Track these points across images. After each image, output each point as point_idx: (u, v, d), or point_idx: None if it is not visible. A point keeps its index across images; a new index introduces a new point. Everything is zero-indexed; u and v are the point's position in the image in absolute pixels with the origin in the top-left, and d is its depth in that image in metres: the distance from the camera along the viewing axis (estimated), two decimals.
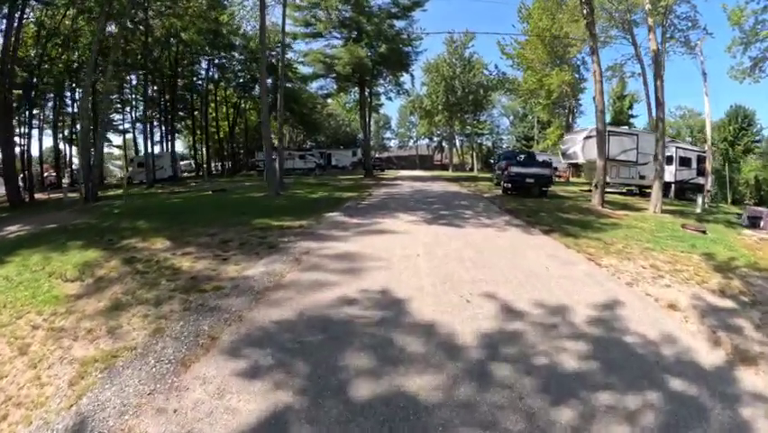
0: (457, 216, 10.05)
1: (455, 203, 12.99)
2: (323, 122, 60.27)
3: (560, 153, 23.78)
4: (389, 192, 16.83)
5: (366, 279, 4.93)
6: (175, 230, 8.36)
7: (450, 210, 11.19)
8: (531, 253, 6.59)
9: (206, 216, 10.18)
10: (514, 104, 64.93)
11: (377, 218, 9.55)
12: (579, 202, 14.80)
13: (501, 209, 11.66)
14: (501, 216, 10.28)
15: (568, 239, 7.78)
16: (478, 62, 42.89)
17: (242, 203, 13.29)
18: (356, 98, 32.74)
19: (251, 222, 9.28)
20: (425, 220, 9.37)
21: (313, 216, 10.05)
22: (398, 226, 8.50)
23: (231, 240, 7.49)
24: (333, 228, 8.40)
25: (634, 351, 3.49)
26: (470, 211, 11.02)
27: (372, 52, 26.37)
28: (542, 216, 10.44)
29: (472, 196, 15.71)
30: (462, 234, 7.92)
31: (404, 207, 11.79)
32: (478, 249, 6.62)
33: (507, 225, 8.98)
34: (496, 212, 11.13)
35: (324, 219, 9.59)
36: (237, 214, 10.59)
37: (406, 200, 13.66)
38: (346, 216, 9.96)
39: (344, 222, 9.22)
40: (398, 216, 9.95)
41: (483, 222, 9.36)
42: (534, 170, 15.36)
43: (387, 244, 6.86)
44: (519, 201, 13.68)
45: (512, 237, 7.82)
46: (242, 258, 6.20)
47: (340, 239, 7.30)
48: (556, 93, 31.32)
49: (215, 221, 9.39)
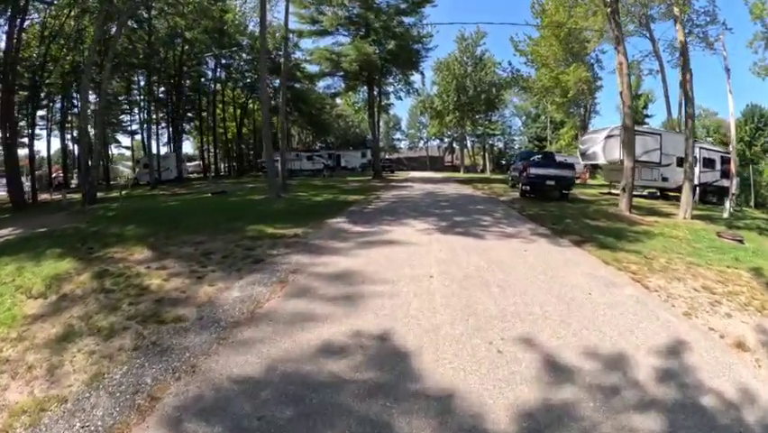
0: (475, 224, 8.97)
1: (470, 207, 11.91)
2: (332, 123, 59.61)
3: (578, 154, 22.47)
4: (399, 195, 15.82)
5: (364, 312, 3.92)
6: (160, 237, 7.76)
7: (466, 216, 10.11)
8: (567, 272, 5.51)
9: (197, 222, 9.45)
10: (526, 104, 63.43)
11: (383, 226, 8.56)
12: (603, 206, 13.63)
13: (522, 215, 10.56)
14: (524, 224, 9.18)
15: (604, 252, 6.70)
16: (489, 60, 41.71)
17: (238, 206, 12.45)
18: (365, 98, 31.82)
19: (244, 229, 8.44)
20: (439, 228, 8.32)
21: (312, 222, 9.11)
22: (408, 236, 7.48)
23: (214, 251, 6.64)
24: (332, 238, 7.42)
25: (714, 420, 2.56)
26: (489, 217, 9.92)
27: (381, 49, 25.39)
28: (568, 224, 9.36)
29: (488, 199, 14.59)
30: (483, 247, 6.84)
31: (414, 212, 10.78)
32: (504, 267, 5.57)
33: (532, 235, 7.89)
34: (517, 218, 10.03)
35: (325, 226, 8.64)
36: (231, 219, 9.83)
37: (416, 204, 12.60)
38: (349, 223, 8.99)
39: (346, 230, 8.24)
40: (408, 222, 8.95)
41: (505, 231, 8.27)
42: (555, 171, 14.21)
43: (394, 259, 5.85)
44: (540, 205, 12.55)
45: (541, 251, 6.73)
46: (219, 276, 5.28)
47: (339, 252, 6.32)
48: (573, 91, 29.97)
49: (205, 227, 8.65)
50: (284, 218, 9.69)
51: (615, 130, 19.91)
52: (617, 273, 5.66)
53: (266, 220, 9.40)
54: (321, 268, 5.41)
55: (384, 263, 5.57)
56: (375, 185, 22.03)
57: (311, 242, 7.11)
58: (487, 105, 41.90)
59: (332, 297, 4.32)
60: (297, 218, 9.56)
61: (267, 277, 5.11)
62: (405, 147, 77.19)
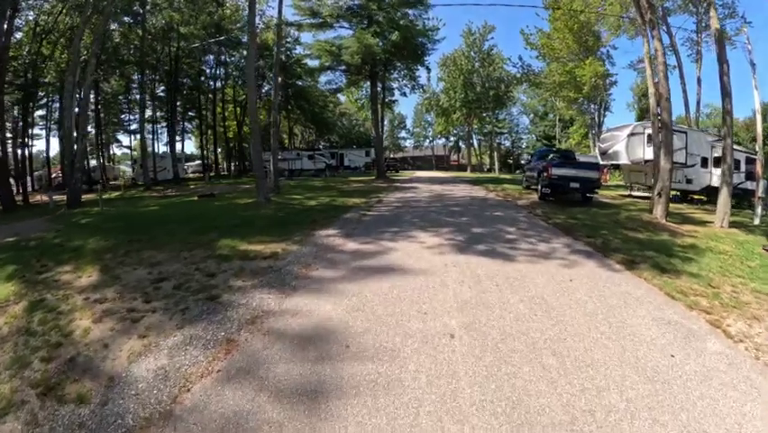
0: (498, 238, 7.40)
1: (487, 214, 10.32)
2: (335, 121, 58.21)
3: (597, 153, 20.81)
4: (404, 198, 14.25)
5: (340, 425, 2.42)
6: (119, 253, 6.83)
7: (484, 226, 8.52)
8: (632, 315, 3.99)
9: (168, 233, 8.32)
10: (533, 102, 61.99)
11: (384, 241, 7.03)
12: (632, 212, 12.07)
13: (549, 224, 8.99)
14: (556, 237, 7.61)
15: (663, 279, 5.20)
16: (497, 56, 40.08)
17: (220, 213, 11.01)
18: (368, 94, 30.26)
19: (215, 243, 7.09)
20: (455, 245, 6.76)
21: (298, 234, 7.65)
22: (416, 258, 5.92)
23: (169, 277, 5.42)
24: (316, 261, 5.89)
25: None
26: (512, 228, 8.32)
27: (384, 42, 23.83)
28: (604, 236, 7.83)
29: (505, 203, 12.99)
30: (516, 274, 5.25)
31: (422, 220, 9.25)
32: (551, 313, 4.02)
33: (571, 255, 6.33)
34: (544, 229, 8.45)
35: (311, 242, 7.12)
36: (206, 229, 8.49)
37: (424, 210, 11.04)
38: (342, 237, 7.45)
39: (337, 247, 6.71)
40: (415, 236, 7.42)
41: (537, 249, 6.68)
42: (580, 172, 12.62)
43: (395, 301, 4.29)
44: (565, 211, 11.00)
45: (590, 280, 5.16)
46: (157, 321, 3.94)
47: (320, 289, 4.76)
48: (588, 86, 28.28)
49: (173, 240, 7.49)
50: (266, 229, 8.26)
51: (638, 127, 18.31)
52: (690, 314, 4.20)
53: (244, 231, 8.05)
54: (289, 319, 3.87)
55: (381, 311, 4.01)
56: (378, 186, 20.51)
57: (288, 267, 5.60)
58: (495, 101, 40.21)
59: (292, 386, 2.77)
60: (281, 229, 8.12)
61: (213, 330, 3.66)
62: (410, 146, 75.81)
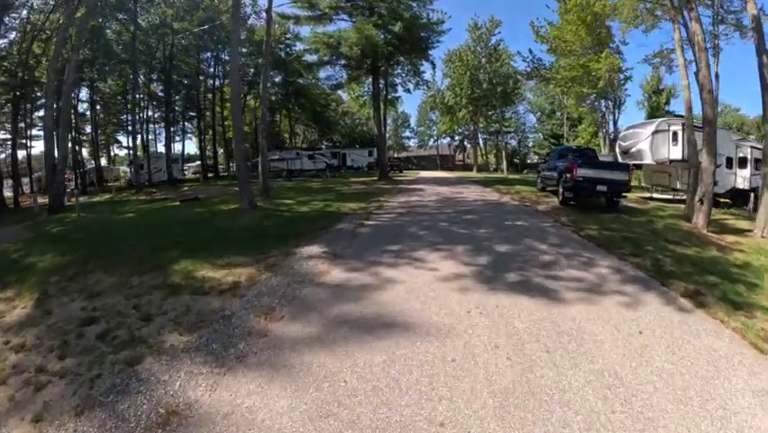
0: (530, 261, 5.83)
1: (509, 224, 8.76)
2: (337, 120, 56.85)
3: (617, 152, 19.21)
4: (408, 202, 12.68)
5: None
6: (66, 276, 5.92)
7: (510, 242, 6.93)
8: (729, 391, 2.69)
9: (130, 247, 7.27)
10: (540, 100, 60.36)
11: (381, 267, 5.51)
12: (665, 219, 10.55)
13: (582, 237, 7.49)
14: (599, 257, 6.10)
15: (740, 320, 4.03)
16: (504, 52, 38.45)
17: (196, 222, 9.64)
18: (370, 91, 28.77)
19: (172, 266, 5.83)
20: (477, 273, 5.19)
21: (275, 253, 6.27)
22: (424, 300, 4.36)
23: (99, 319, 4.37)
24: (283, 304, 4.41)
25: None
26: (544, 245, 6.77)
27: (386, 34, 22.29)
28: (651, 253, 6.42)
29: (524, 208, 11.40)
30: (570, 327, 3.70)
31: (431, 233, 7.75)
32: (636, 405, 2.57)
33: (625, 283, 4.87)
34: (580, 244, 6.91)
35: (287, 266, 5.68)
36: (172, 243, 7.23)
37: (432, 219, 9.49)
38: (328, 259, 5.96)
39: (317, 277, 5.22)
40: (422, 258, 5.91)
41: (583, 277, 5.17)
42: (608, 173, 11.07)
43: (392, 392, 2.78)
44: (594, 219, 9.49)
45: (664, 330, 3.72)
46: (56, 397, 3.36)
47: (274, 364, 3.24)
48: (603, 81, 26.62)
49: (131, 259, 6.45)
50: (240, 245, 6.89)
51: (662, 124, 16.71)
52: None
53: (214, 247, 6.72)
54: (214, 430, 2.42)
55: (366, 420, 2.46)
56: (380, 188, 19.00)
57: (243, 314, 4.17)
58: (503, 98, 38.58)
59: None
60: (258, 245, 6.71)
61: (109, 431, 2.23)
62: (414, 145, 74.33)
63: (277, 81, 42.31)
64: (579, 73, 26.96)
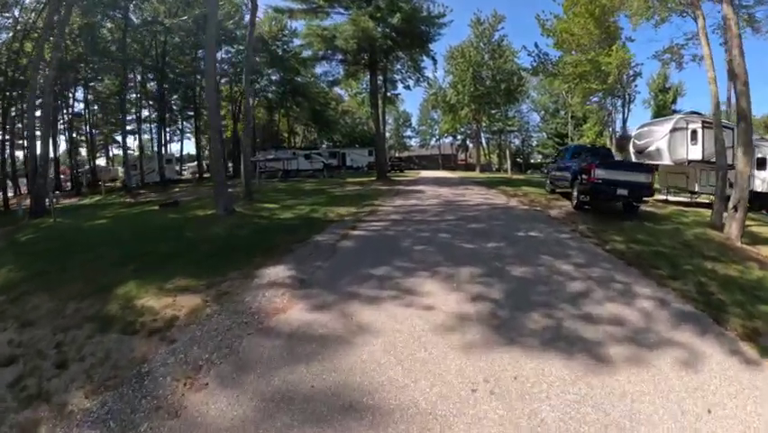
0: (555, 291, 4.58)
1: (521, 235, 7.48)
2: (337, 119, 55.69)
3: (631, 151, 17.95)
4: (405, 207, 11.43)
5: None
6: (7, 300, 5.11)
7: (526, 262, 5.61)
8: None
9: (87, 262, 6.40)
10: (544, 98, 59.16)
11: (357, 303, 4.19)
12: (691, 227, 9.35)
13: (608, 251, 6.28)
14: (634, 282, 4.88)
15: None
16: (508, 49, 37.14)
17: (164, 231, 8.54)
18: (368, 88, 27.48)
19: (117, 289, 4.96)
20: (486, 315, 3.91)
21: (233, 274, 5.18)
22: (410, 365, 3.06)
23: (16, 359, 3.62)
24: (213, 361, 3.26)
25: None
26: (567, 265, 5.51)
27: (384, 27, 21.03)
28: (691, 275, 5.28)
29: (535, 214, 10.16)
30: (621, 412, 2.51)
31: (429, 248, 6.51)
32: None
33: (674, 326, 3.73)
34: (608, 262, 5.68)
35: (239, 297, 4.53)
36: (130, 258, 6.33)
37: (431, 228, 8.16)
38: (290, 288, 4.71)
39: (269, 317, 4.00)
40: (414, 289, 4.59)
41: (622, 317, 3.96)
42: (629, 175, 9.82)
43: None
44: (615, 227, 8.31)
45: (736, 405, 2.66)
46: None
47: None
48: (613, 77, 25.32)
49: (81, 277, 5.58)
50: (200, 261, 5.82)
51: (680, 121, 15.41)
52: None
53: (169, 264, 5.73)
54: None
55: None
56: (377, 189, 17.78)
57: (163, 371, 3.08)
58: (507, 95, 37.26)
59: None
60: (218, 263, 5.59)
61: None
62: (416, 145, 73.14)
63: (274, 79, 41.29)
64: (587, 68, 25.66)
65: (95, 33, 28.18)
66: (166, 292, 4.76)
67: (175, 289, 4.87)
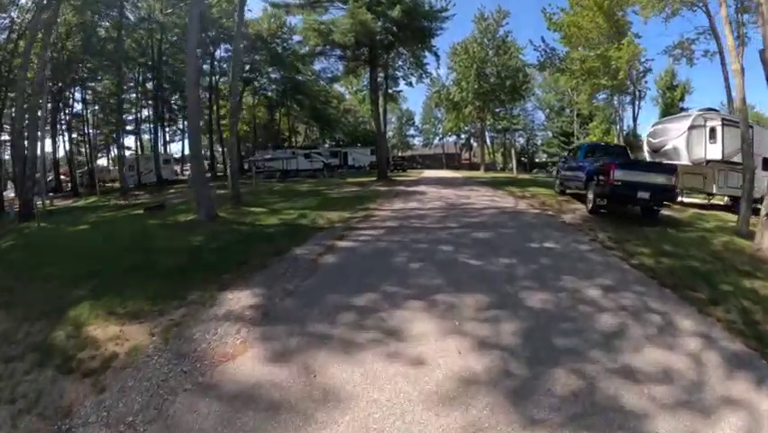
0: (582, 330, 3.60)
1: (535, 247, 6.51)
2: (339, 118, 54.81)
3: (645, 150, 16.94)
4: (403, 211, 10.49)
5: None
6: None
7: (545, 287, 4.61)
8: None
9: (51, 276, 5.72)
10: (549, 96, 58.10)
11: (326, 352, 3.26)
12: (716, 234, 8.41)
13: (634, 266, 5.37)
14: (676, 316, 3.96)
15: None
16: (513, 45, 36.12)
17: (140, 239, 7.82)
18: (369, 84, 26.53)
19: (70, 311, 4.35)
20: (497, 373, 2.94)
21: (192, 297, 4.43)
22: None
23: None
24: (141, 420, 2.51)
25: None
26: (593, 288, 4.55)
27: (383, 21, 20.09)
28: (731, 297, 4.44)
29: (547, 219, 9.17)
30: None
31: (424, 265, 5.52)
32: None
33: (727, 377, 2.89)
34: (638, 283, 4.76)
35: (190, 330, 3.72)
36: (94, 271, 5.67)
37: (430, 237, 7.26)
38: (250, 322, 3.80)
39: (217, 364, 3.16)
40: (401, 328, 3.63)
41: (668, 369, 3.06)
42: (651, 177, 8.87)
43: None
44: (638, 235, 7.39)
45: None
46: None
47: None
48: (624, 72, 24.27)
49: (39, 296, 4.90)
50: (160, 279, 5.04)
51: (698, 119, 14.36)
52: None
53: (130, 282, 5.05)
54: None
55: None
56: (376, 190, 16.89)
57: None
58: (512, 92, 36.23)
59: None
60: (178, 283, 4.86)
61: None
62: (419, 144, 72.22)
63: (274, 78, 40.47)
64: (596, 64, 24.62)
65: (89, 32, 27.52)
66: (116, 318, 4.02)
67: (127, 314, 4.12)
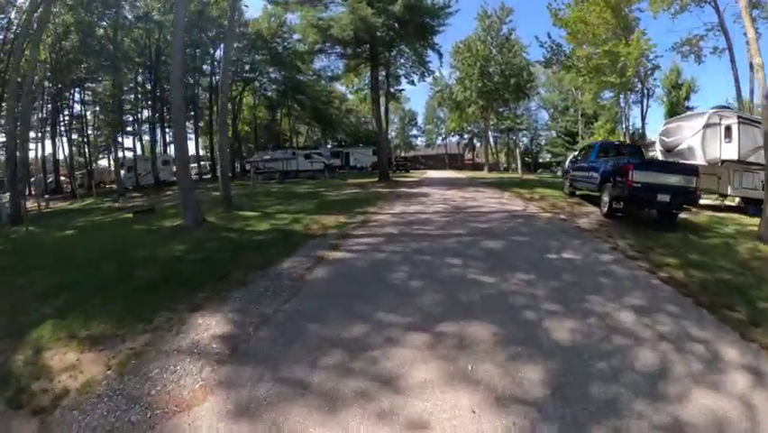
0: (619, 369, 2.95)
1: (553, 258, 5.80)
2: (341, 118, 54.25)
3: (658, 149, 16.24)
4: (404, 216, 9.79)
5: None
6: None
7: (570, 310, 3.93)
8: None
9: (21, 290, 5.29)
10: (554, 95, 57.38)
11: (301, 407, 2.56)
12: (739, 241, 7.74)
13: (664, 283, 4.71)
14: (719, 345, 3.30)
15: None
16: (517, 43, 35.44)
17: (120, 246, 7.24)
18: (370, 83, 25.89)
19: (33, 332, 3.91)
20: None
21: (160, 319, 3.92)
22: None
23: None
24: None
25: None
26: (624, 311, 3.88)
27: (384, 15, 19.44)
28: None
29: (560, 224, 8.49)
30: None
31: (426, 283, 4.80)
32: None
33: None
34: (671, 302, 4.09)
35: (146, 365, 3.11)
36: (66, 284, 5.22)
37: (434, 246, 6.52)
38: (214, 361, 3.15)
39: (161, 422, 2.50)
40: (406, 365, 2.99)
41: (726, 422, 2.45)
42: (672, 178, 8.19)
43: None
44: (659, 242, 6.75)
45: None
46: None
47: None
48: (633, 69, 23.54)
49: (8, 313, 4.50)
50: (132, 296, 4.54)
51: (713, 117, 13.66)
52: None
53: (100, 298, 4.58)
54: None
55: None
56: (376, 192, 16.26)
57: None
58: (516, 91, 35.53)
59: None
60: (151, 300, 4.33)
61: None
62: (422, 144, 71.58)
63: (274, 77, 39.97)
64: (604, 61, 23.89)
65: (86, 31, 27.07)
66: (77, 343, 3.53)
67: (88, 338, 3.61)
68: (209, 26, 31.28)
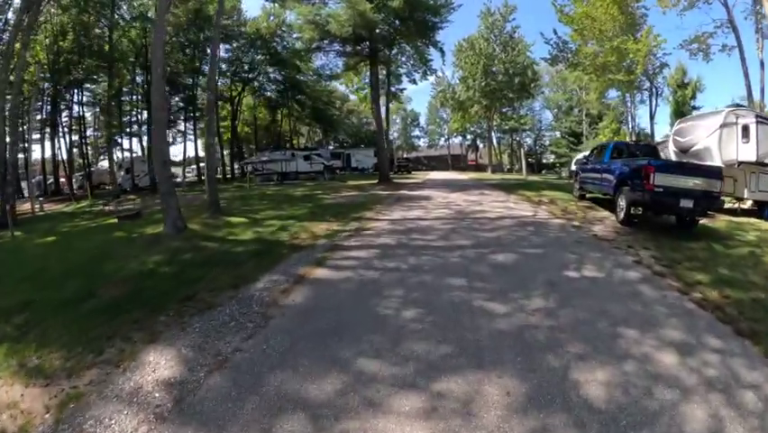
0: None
1: (572, 276, 5.07)
2: (342, 119, 53.66)
3: (671, 149, 15.51)
4: (404, 221, 9.14)
5: None
6: None
7: (601, 353, 3.12)
8: None
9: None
10: (558, 95, 56.59)
11: None
12: (763, 250, 7.02)
13: (700, 307, 4.02)
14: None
15: None
16: (521, 42, 34.75)
17: (94, 257, 6.71)
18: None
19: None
20: None
21: (111, 350, 3.41)
22: None
23: None
24: None
25: None
26: (664, 352, 3.13)
27: (384, 13, 18.80)
28: None
29: (575, 233, 7.70)
30: None
31: (427, 311, 4.01)
32: None
33: None
34: (714, 335, 3.40)
35: (79, 416, 2.48)
36: (29, 301, 4.83)
37: (436, 260, 5.78)
38: (151, 417, 2.49)
39: None
40: None
41: None
42: (695, 181, 7.48)
43: None
44: (684, 253, 6.07)
45: None
46: None
47: None
48: (641, 67, 22.79)
49: None
50: (93, 317, 4.10)
51: (730, 116, 12.92)
52: None
53: (58, 320, 4.13)
54: None
55: None
56: (375, 195, 15.60)
57: None
58: (520, 90, 34.82)
59: None
60: (106, 326, 3.87)
61: None
62: (424, 145, 70.87)
63: (274, 77, 39.43)
64: (611, 58, 23.15)
65: (81, 31, 26.61)
66: (25, 374, 3.15)
67: (36, 369, 3.19)
68: (206, 26, 30.69)
